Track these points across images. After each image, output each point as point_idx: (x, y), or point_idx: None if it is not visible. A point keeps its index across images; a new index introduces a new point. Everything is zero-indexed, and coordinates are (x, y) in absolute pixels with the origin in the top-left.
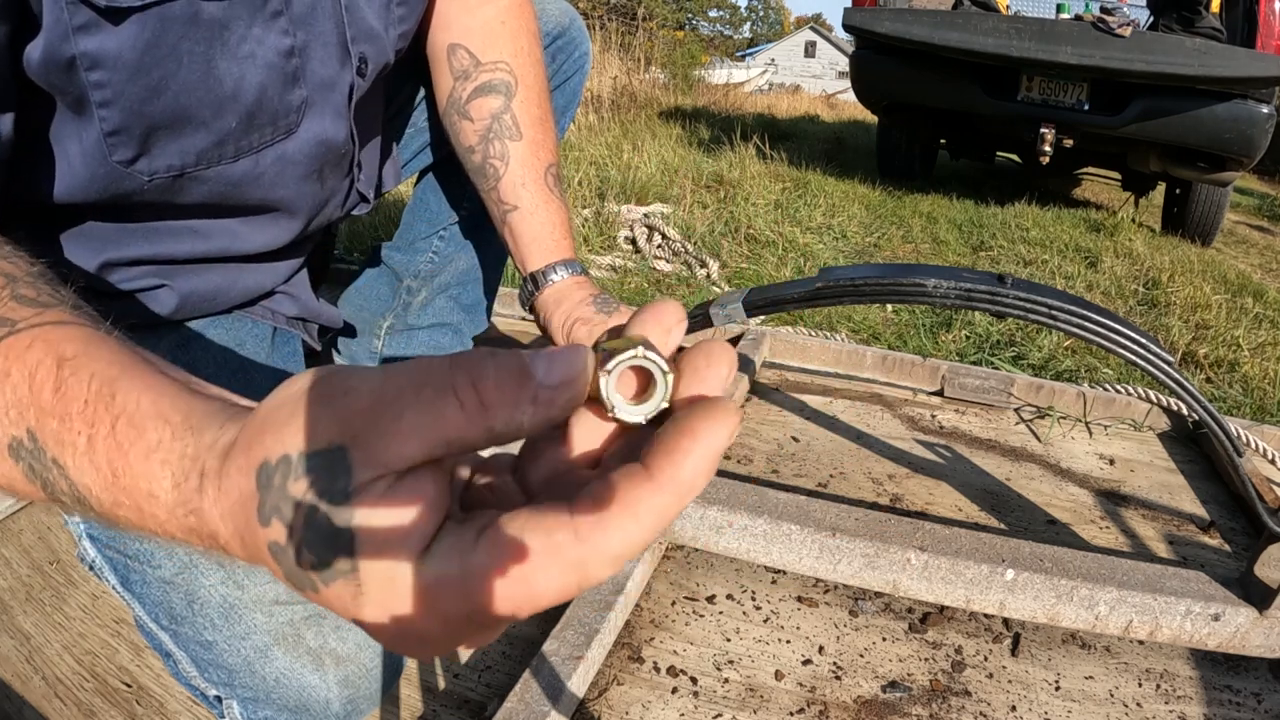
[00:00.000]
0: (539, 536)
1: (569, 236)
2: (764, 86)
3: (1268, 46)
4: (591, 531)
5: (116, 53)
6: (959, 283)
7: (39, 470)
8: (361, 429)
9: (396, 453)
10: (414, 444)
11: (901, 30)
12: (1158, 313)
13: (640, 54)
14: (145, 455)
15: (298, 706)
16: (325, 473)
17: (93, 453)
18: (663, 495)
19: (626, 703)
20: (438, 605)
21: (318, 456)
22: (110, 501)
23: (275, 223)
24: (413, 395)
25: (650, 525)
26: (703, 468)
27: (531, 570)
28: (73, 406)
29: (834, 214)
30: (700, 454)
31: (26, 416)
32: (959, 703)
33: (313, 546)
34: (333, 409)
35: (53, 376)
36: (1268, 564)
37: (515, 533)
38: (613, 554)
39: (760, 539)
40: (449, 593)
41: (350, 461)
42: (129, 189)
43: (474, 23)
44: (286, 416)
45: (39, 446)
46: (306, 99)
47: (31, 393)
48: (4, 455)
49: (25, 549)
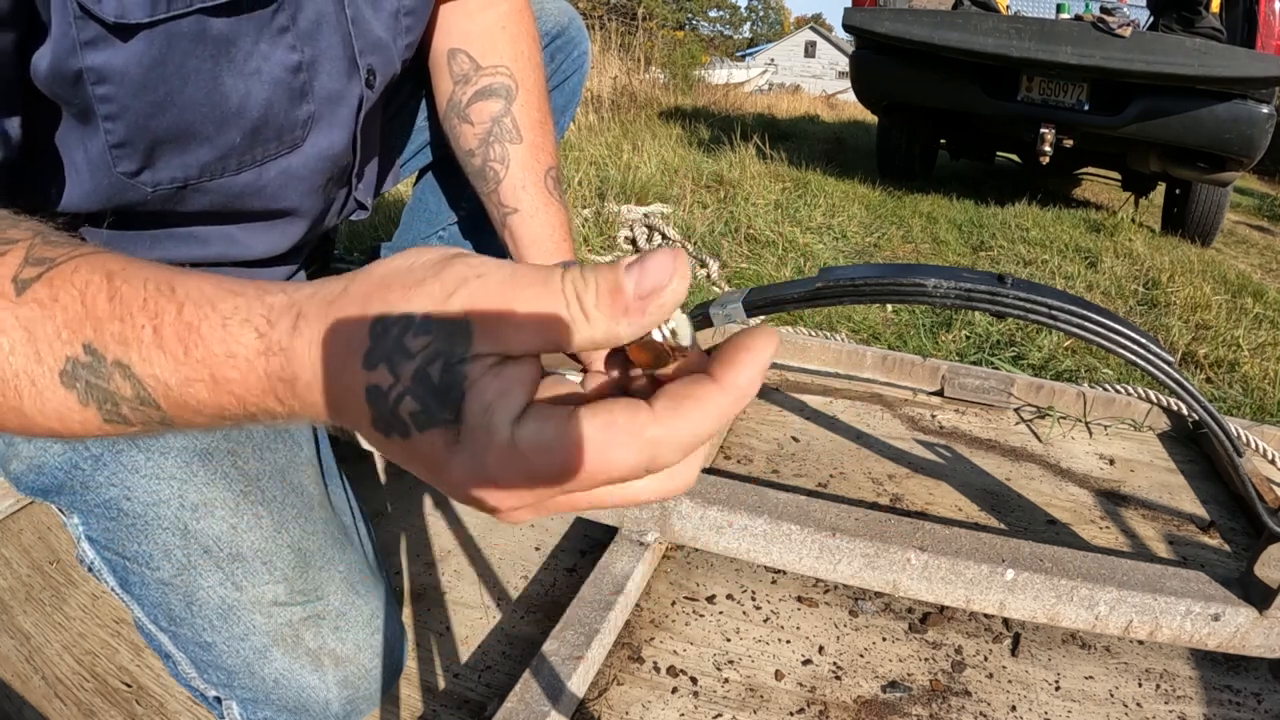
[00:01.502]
0: (623, 414)
1: (568, 238)
2: (764, 86)
3: (1268, 46)
4: (669, 417)
5: (123, 68)
6: (959, 283)
7: (96, 385)
8: (484, 313)
9: (511, 339)
10: (526, 337)
11: (901, 30)
12: (1158, 313)
13: (640, 54)
14: (221, 324)
15: (297, 707)
16: (447, 337)
17: (160, 339)
18: (725, 395)
19: (626, 703)
20: (525, 462)
21: (444, 323)
22: (180, 381)
23: (275, 230)
24: (534, 297)
25: (714, 420)
26: (755, 376)
27: (613, 443)
28: (133, 306)
29: (834, 214)
30: (754, 364)
31: (82, 332)
32: (959, 703)
33: (419, 396)
34: (467, 288)
35: (105, 288)
36: (1268, 564)
37: (604, 409)
38: (682, 440)
39: (760, 539)
40: (538, 452)
41: (472, 334)
42: (132, 199)
43: (474, 27)
44: (416, 281)
45: (98, 356)
46: (313, 114)
47: (85, 307)
48: (57, 385)
49: (25, 549)
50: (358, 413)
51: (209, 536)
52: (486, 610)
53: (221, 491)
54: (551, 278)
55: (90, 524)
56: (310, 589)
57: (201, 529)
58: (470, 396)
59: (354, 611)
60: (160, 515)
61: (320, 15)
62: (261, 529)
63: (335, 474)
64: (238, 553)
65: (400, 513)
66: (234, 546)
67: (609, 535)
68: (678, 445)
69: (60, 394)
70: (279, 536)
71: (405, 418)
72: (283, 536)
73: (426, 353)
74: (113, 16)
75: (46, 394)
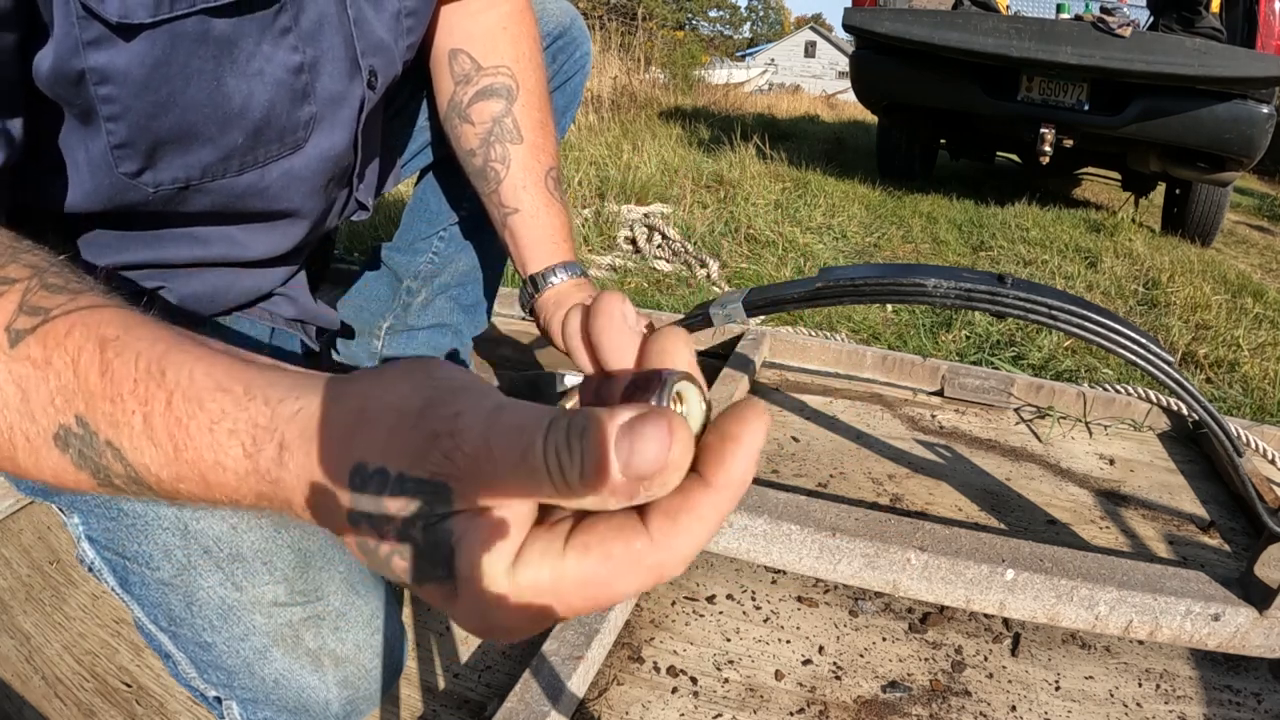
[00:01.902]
0: (620, 545)
1: (569, 239)
2: (764, 86)
3: (1268, 46)
4: (666, 538)
5: (126, 69)
6: (959, 283)
7: (90, 456)
8: (466, 473)
9: (493, 498)
10: (509, 496)
11: (901, 30)
12: (1158, 313)
13: (640, 54)
14: (209, 427)
15: (297, 707)
16: (427, 499)
17: (151, 430)
18: (719, 495)
19: (626, 703)
20: (528, 608)
21: (420, 485)
22: (172, 477)
23: (276, 231)
24: (517, 458)
25: (713, 523)
26: (749, 466)
27: (616, 576)
28: (123, 387)
29: (834, 214)
30: (745, 456)
31: (74, 403)
32: (959, 703)
33: (407, 556)
34: (440, 447)
35: (97, 360)
36: (1268, 564)
37: (599, 542)
38: (685, 554)
39: (760, 539)
40: (539, 597)
41: (451, 496)
42: (134, 199)
43: (475, 28)
44: (389, 426)
45: (90, 431)
46: (315, 115)
47: (77, 378)
48: (50, 446)
49: (25, 549)
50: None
51: (209, 536)
52: None
53: None
54: (532, 449)
55: (90, 524)
56: (310, 589)
57: (201, 529)
58: (460, 553)
59: (354, 611)
60: (160, 515)
61: (322, 16)
62: (261, 529)
63: None
64: (238, 553)
65: None
66: (234, 546)
67: None
68: (681, 560)
69: (55, 455)
70: (279, 536)
71: (400, 574)
72: (283, 536)
73: (407, 515)
74: (116, 16)
75: (41, 452)
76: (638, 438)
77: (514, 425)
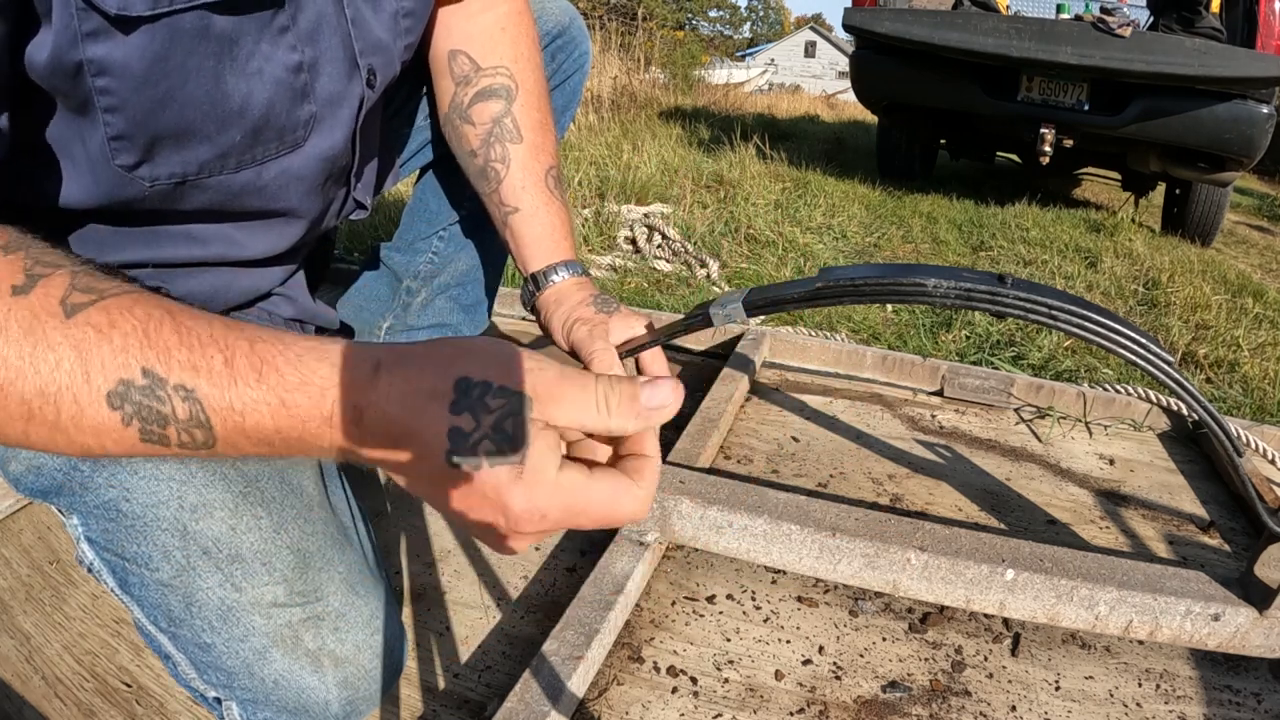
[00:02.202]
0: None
1: (569, 238)
2: (764, 86)
3: (1268, 46)
4: (641, 479)
5: (124, 61)
6: (959, 283)
7: (148, 406)
8: (542, 394)
9: (554, 416)
10: (565, 418)
11: (901, 30)
12: (1158, 313)
13: (640, 54)
14: (296, 357)
15: (297, 708)
16: (516, 403)
17: (232, 367)
18: (654, 460)
19: (626, 703)
20: (565, 496)
21: (515, 394)
22: (247, 404)
23: (273, 230)
24: (575, 392)
25: (656, 477)
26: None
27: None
28: (202, 337)
29: (834, 214)
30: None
31: (142, 356)
32: (959, 703)
33: (495, 440)
34: (530, 375)
35: (169, 321)
36: (1268, 564)
37: (608, 474)
38: (650, 493)
39: (760, 539)
40: (574, 491)
41: (530, 404)
42: (131, 194)
43: (474, 29)
44: (490, 358)
45: (156, 379)
46: (315, 114)
47: (148, 337)
48: (100, 404)
49: (25, 549)
50: (426, 448)
51: (208, 537)
52: (486, 610)
53: (220, 493)
54: (589, 383)
55: (89, 525)
56: (310, 590)
57: (201, 530)
58: (534, 446)
59: (354, 612)
60: (159, 516)
61: (320, 16)
62: (261, 530)
63: (335, 474)
64: (237, 554)
65: (400, 513)
66: (233, 547)
67: (609, 535)
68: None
69: (103, 413)
70: (278, 537)
71: (482, 455)
72: (282, 537)
73: (502, 410)
74: (114, 9)
75: (88, 411)
76: (655, 386)
77: (578, 372)
